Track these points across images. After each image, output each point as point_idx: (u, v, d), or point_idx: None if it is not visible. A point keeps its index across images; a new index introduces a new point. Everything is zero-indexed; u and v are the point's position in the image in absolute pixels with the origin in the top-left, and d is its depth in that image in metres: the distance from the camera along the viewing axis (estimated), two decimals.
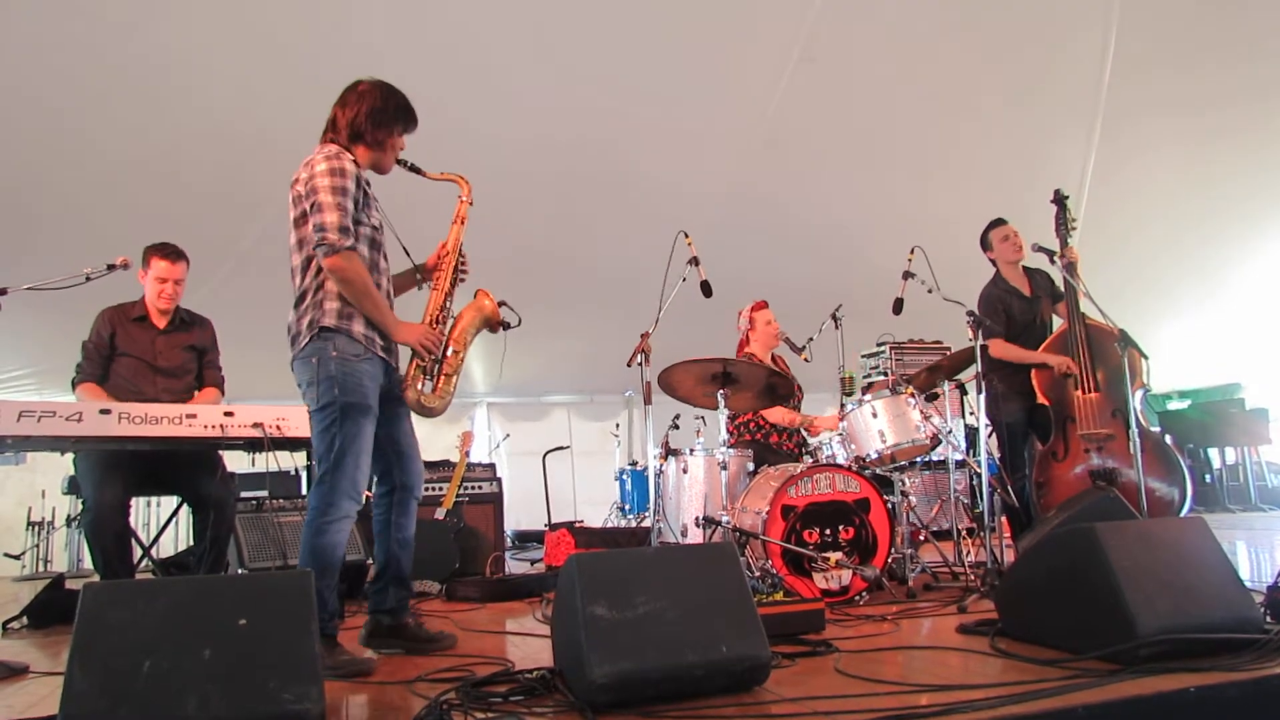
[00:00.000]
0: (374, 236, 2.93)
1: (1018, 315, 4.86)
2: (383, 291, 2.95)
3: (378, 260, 2.96)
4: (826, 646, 2.72)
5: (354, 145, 2.97)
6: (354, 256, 2.78)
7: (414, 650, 2.96)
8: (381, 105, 2.97)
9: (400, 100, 3.03)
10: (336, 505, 2.76)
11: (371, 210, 2.94)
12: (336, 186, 2.77)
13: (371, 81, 3.02)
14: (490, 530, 5.71)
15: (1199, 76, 6.86)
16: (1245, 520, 7.96)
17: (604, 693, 2.00)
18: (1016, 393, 4.80)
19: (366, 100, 2.97)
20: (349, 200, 2.79)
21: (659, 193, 7.22)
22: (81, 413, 3.60)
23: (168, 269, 4.18)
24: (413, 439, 3.12)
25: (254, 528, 4.62)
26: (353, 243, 2.78)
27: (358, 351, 2.81)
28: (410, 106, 3.06)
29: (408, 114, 3.05)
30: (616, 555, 2.33)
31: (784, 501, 3.74)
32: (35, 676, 2.85)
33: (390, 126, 2.99)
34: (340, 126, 2.97)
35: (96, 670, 1.76)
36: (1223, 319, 9.58)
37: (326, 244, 2.73)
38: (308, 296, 2.86)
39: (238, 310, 5.59)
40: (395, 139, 3.03)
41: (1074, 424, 4.59)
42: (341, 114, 2.98)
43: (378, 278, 2.93)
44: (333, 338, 2.79)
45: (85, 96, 5.53)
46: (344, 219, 2.76)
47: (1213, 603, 2.32)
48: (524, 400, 10.34)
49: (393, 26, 5.62)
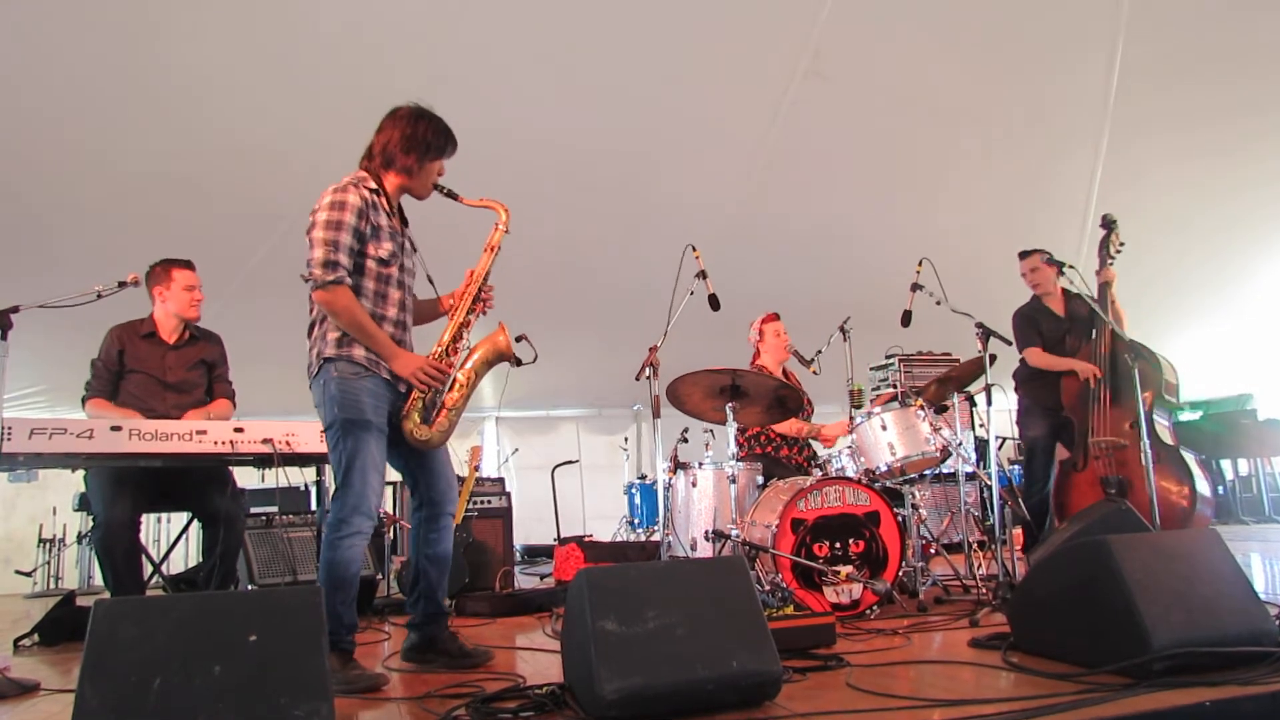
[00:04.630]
0: (380, 270, 2.93)
1: (1046, 333, 5.00)
2: (389, 322, 2.96)
3: (384, 290, 2.96)
4: (838, 661, 2.70)
5: (385, 171, 3.00)
6: (340, 290, 2.80)
7: (450, 665, 2.97)
8: (411, 132, 2.98)
9: (432, 126, 3.02)
10: (348, 521, 2.80)
11: (383, 242, 2.93)
12: (330, 221, 2.80)
13: (409, 107, 3.04)
14: (499, 545, 5.70)
15: (1206, 90, 6.85)
16: (1259, 532, 7.89)
17: (614, 708, 1.99)
18: (1042, 407, 4.89)
19: (399, 127, 2.99)
20: (344, 234, 2.81)
21: (667, 206, 7.23)
22: (92, 429, 3.62)
23: (193, 277, 4.26)
24: (443, 456, 3.14)
25: (264, 543, 4.63)
26: (338, 277, 2.79)
27: (357, 371, 2.86)
28: (446, 132, 3.05)
29: (441, 140, 3.04)
30: (626, 570, 2.32)
31: (793, 515, 3.72)
32: (46, 694, 2.85)
33: (420, 153, 3.00)
34: (375, 152, 3.01)
35: (108, 687, 1.77)
36: (1234, 330, 9.54)
37: (312, 279, 2.80)
38: (315, 328, 2.93)
39: (248, 326, 5.62)
40: (429, 165, 3.04)
41: (1091, 434, 4.67)
42: (377, 139, 3.02)
43: (382, 308, 2.94)
44: (335, 363, 2.85)
45: (98, 114, 5.58)
46: (330, 254, 2.78)
47: (1227, 616, 2.30)
48: (532, 414, 10.34)
49: (401, 47, 5.66)
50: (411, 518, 3.16)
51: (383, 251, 2.93)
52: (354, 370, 2.85)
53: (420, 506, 3.11)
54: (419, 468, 3.08)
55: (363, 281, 2.90)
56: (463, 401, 3.03)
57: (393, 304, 2.99)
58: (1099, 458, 4.58)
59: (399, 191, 3.05)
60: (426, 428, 2.96)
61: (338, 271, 2.79)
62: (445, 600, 3.13)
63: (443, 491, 3.12)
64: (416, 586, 3.09)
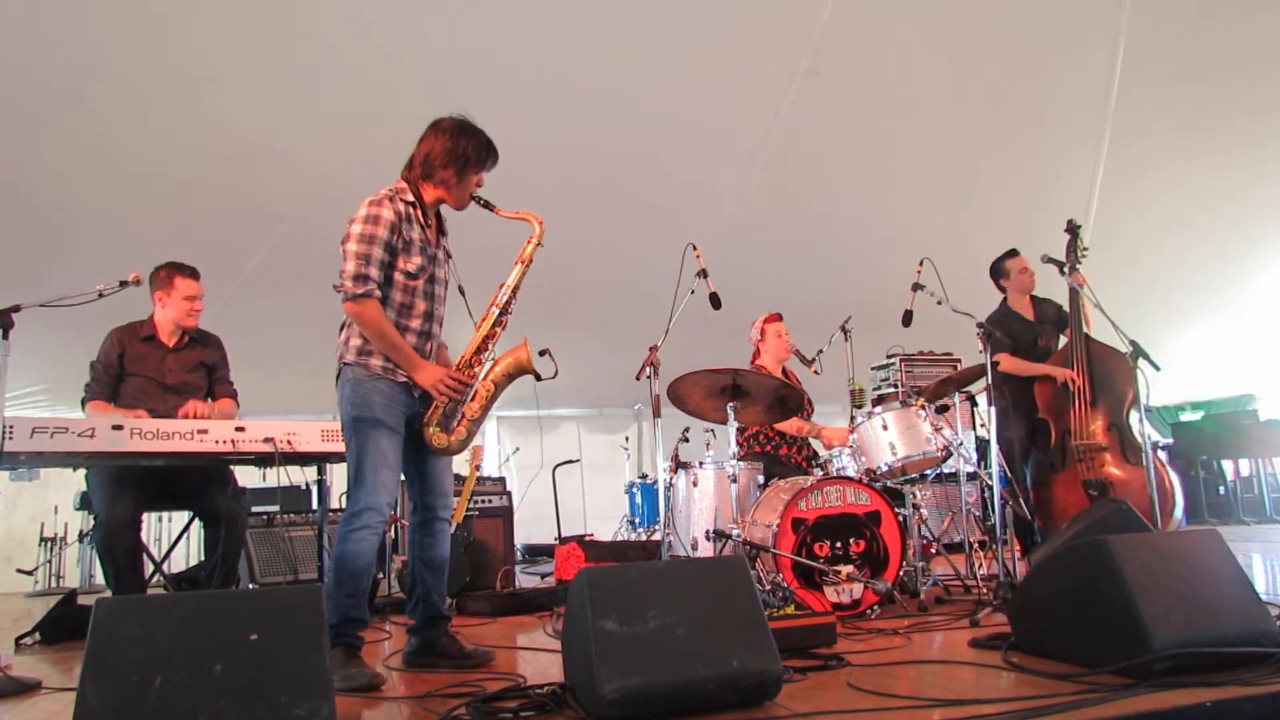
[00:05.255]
0: (407, 282, 2.97)
1: (1017, 336, 5.03)
2: (413, 332, 3.01)
3: (410, 302, 3.00)
4: (838, 660, 2.70)
5: (424, 182, 3.04)
6: (369, 303, 2.86)
7: (452, 667, 2.97)
8: (453, 145, 3.01)
9: (474, 140, 3.04)
10: (358, 515, 2.85)
11: (413, 256, 2.97)
12: (365, 235, 2.86)
13: (452, 119, 3.06)
14: (500, 544, 5.70)
15: (1207, 92, 6.85)
16: (1260, 533, 7.90)
17: (614, 708, 1.99)
18: (1020, 410, 4.93)
19: (441, 140, 3.02)
20: (376, 248, 2.87)
21: (668, 205, 7.23)
22: (94, 428, 3.62)
23: (195, 287, 4.25)
24: (443, 462, 3.16)
25: (265, 542, 4.64)
26: (368, 290, 2.85)
27: (371, 375, 2.94)
28: (488, 145, 3.07)
29: (482, 154, 3.06)
30: (627, 569, 2.32)
31: (794, 514, 3.72)
32: (48, 692, 2.85)
33: (459, 166, 3.02)
34: (415, 163, 3.05)
35: (109, 686, 1.77)
36: (1235, 330, 9.53)
37: (343, 291, 2.86)
38: (341, 332, 3.02)
39: (249, 325, 5.63)
40: (468, 177, 3.06)
41: (1071, 437, 4.73)
42: (419, 150, 3.05)
43: (406, 319, 2.99)
44: (351, 368, 2.95)
45: (100, 114, 5.58)
46: (361, 267, 2.84)
47: (1228, 616, 2.30)
48: (534, 413, 10.33)
49: (403, 47, 5.65)
50: (410, 519, 3.19)
51: (411, 266, 2.97)
52: (368, 374, 2.94)
53: (416, 510, 3.14)
54: (418, 472, 3.12)
55: (390, 292, 2.96)
56: (483, 412, 3.09)
57: (417, 315, 3.03)
58: (1080, 460, 4.63)
59: (436, 202, 3.09)
60: (445, 435, 3.02)
61: (368, 285, 2.85)
62: (444, 603, 3.14)
63: (439, 496, 3.15)
64: (414, 591, 3.11)
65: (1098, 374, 4.73)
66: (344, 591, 2.80)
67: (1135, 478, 4.45)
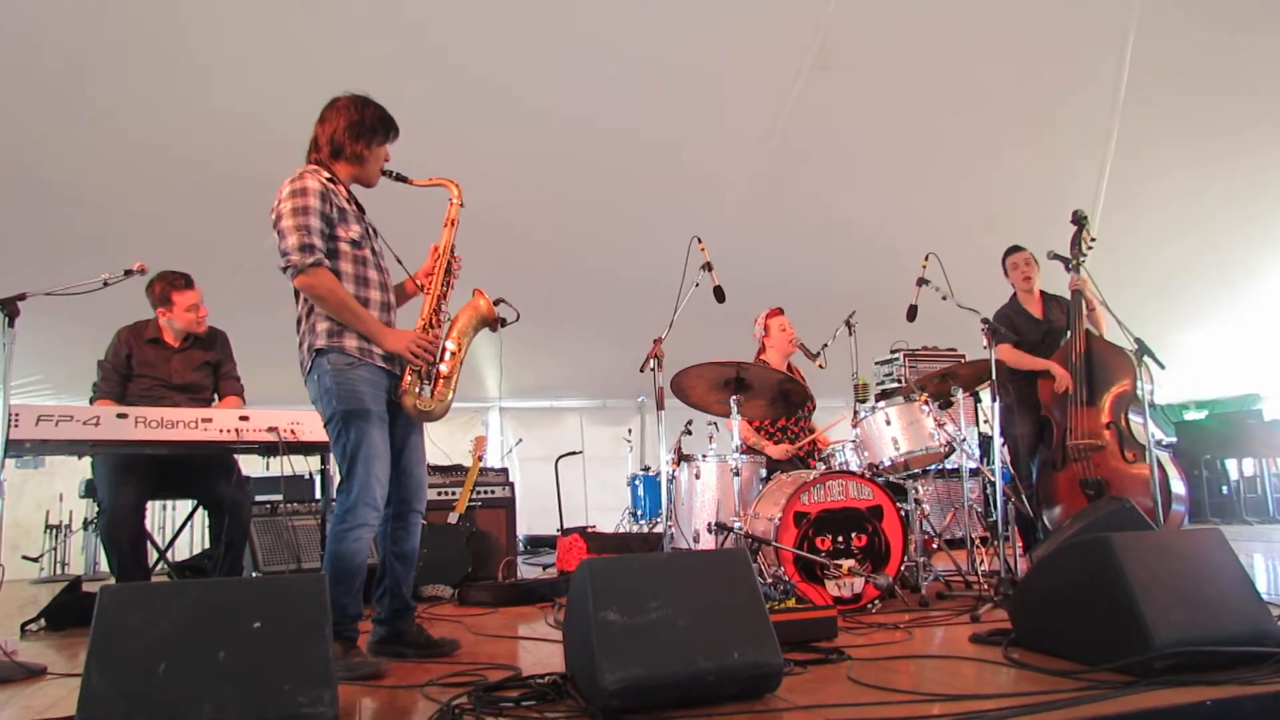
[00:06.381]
0: (354, 252, 2.94)
1: (1024, 333, 5.01)
2: (375, 303, 2.97)
3: (364, 273, 2.97)
4: (839, 654, 2.71)
5: (335, 161, 3.01)
6: (320, 272, 2.81)
7: (419, 656, 2.96)
8: (359, 118, 3.00)
9: (376, 111, 3.05)
10: (353, 513, 2.81)
11: (350, 224, 2.94)
12: (296, 208, 2.81)
13: (348, 96, 3.05)
14: (502, 535, 5.72)
15: (1214, 98, 6.85)
16: (1263, 533, 7.88)
17: (615, 698, 2.00)
18: (1027, 406, 4.90)
19: (344, 115, 3.01)
20: (312, 217, 2.82)
21: (672, 198, 7.22)
22: (99, 417, 3.64)
23: (194, 295, 4.29)
24: (418, 454, 3.14)
25: (269, 531, 4.65)
26: (317, 259, 2.80)
27: (350, 361, 2.87)
28: (388, 116, 3.08)
29: (386, 124, 3.07)
30: (628, 561, 2.33)
31: (797, 508, 3.73)
32: (53, 678, 2.88)
33: (368, 138, 3.02)
34: (321, 144, 3.02)
35: (113, 672, 1.78)
36: (1241, 330, 9.51)
37: (291, 265, 2.79)
38: (302, 322, 2.94)
39: (254, 314, 5.62)
40: (376, 150, 3.05)
41: (1070, 435, 4.72)
42: (321, 131, 3.02)
43: (365, 290, 2.95)
44: (327, 355, 2.87)
45: (105, 103, 5.58)
46: (305, 237, 2.79)
47: (1229, 615, 2.30)
48: (537, 405, 10.36)
49: (408, 39, 5.64)
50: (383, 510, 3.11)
51: (353, 233, 2.95)
52: (347, 361, 2.86)
53: (389, 503, 3.05)
54: (394, 464, 3.03)
55: (340, 265, 2.90)
56: (458, 369, 3.05)
57: (375, 286, 3.00)
58: (1078, 459, 4.62)
59: (349, 180, 3.06)
60: (428, 399, 2.97)
61: (315, 254, 2.80)
62: (410, 594, 3.11)
63: (413, 490, 3.11)
64: (383, 582, 3.07)
65: (1097, 372, 4.70)
66: (341, 589, 2.76)
67: (1134, 476, 4.42)
